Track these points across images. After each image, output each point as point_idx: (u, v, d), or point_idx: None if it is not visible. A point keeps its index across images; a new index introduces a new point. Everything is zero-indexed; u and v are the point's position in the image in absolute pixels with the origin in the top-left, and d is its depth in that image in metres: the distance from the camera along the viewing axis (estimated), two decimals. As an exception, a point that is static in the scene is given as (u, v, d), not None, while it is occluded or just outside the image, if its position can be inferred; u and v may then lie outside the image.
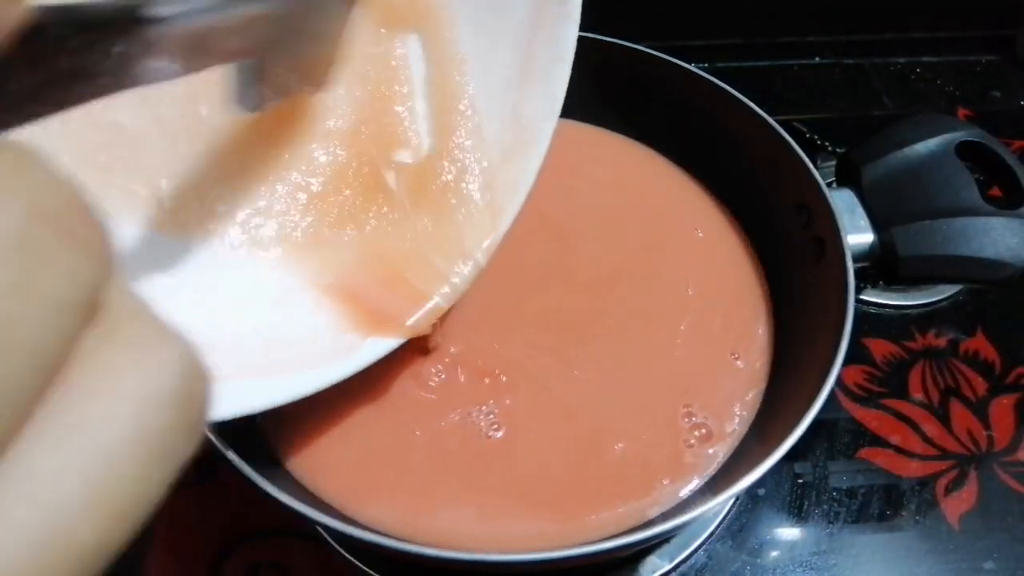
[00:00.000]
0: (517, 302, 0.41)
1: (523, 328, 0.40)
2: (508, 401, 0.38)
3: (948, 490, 0.45)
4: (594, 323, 0.40)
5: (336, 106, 0.34)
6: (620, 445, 0.36)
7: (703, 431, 0.37)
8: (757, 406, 0.38)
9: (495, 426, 0.37)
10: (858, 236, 0.38)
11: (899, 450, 0.46)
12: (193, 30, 0.18)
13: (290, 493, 0.30)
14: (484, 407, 0.37)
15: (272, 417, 0.37)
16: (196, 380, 0.12)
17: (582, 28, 0.46)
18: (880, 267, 0.39)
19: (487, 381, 0.38)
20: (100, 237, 0.11)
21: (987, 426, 0.47)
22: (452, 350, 0.39)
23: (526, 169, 0.33)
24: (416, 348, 0.37)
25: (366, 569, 0.41)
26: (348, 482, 0.35)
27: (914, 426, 0.47)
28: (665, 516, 0.34)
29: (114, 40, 0.16)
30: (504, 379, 0.38)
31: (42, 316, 0.10)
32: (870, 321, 0.52)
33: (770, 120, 0.42)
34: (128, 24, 0.16)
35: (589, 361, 0.39)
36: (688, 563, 0.42)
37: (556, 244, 0.44)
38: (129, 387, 0.11)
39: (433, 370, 0.38)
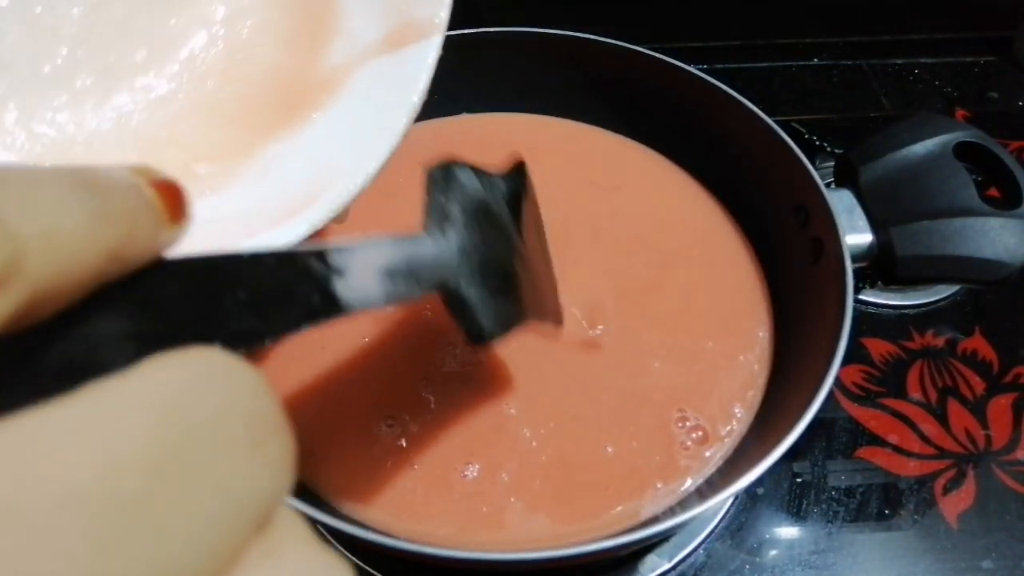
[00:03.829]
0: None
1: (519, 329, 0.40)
2: (506, 404, 0.38)
3: (946, 489, 0.45)
4: (591, 324, 0.41)
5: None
6: (616, 448, 0.36)
7: (699, 433, 0.37)
8: (757, 406, 0.38)
9: (493, 429, 0.37)
10: (856, 236, 0.38)
11: (897, 449, 0.46)
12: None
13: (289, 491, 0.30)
14: (482, 411, 0.38)
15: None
16: None
17: (583, 30, 0.47)
18: (878, 267, 0.39)
19: (484, 384, 0.38)
20: (287, 454, 0.11)
21: (985, 425, 0.47)
22: (448, 353, 0.39)
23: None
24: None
25: (366, 567, 0.41)
26: (347, 481, 0.35)
27: (912, 425, 0.47)
28: (664, 515, 0.34)
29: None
30: (501, 382, 0.38)
31: (222, 512, 0.10)
32: (868, 321, 0.52)
33: (769, 121, 0.42)
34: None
35: (586, 364, 0.39)
36: (687, 562, 0.42)
37: (554, 244, 0.44)
38: None
39: (431, 372, 0.38)
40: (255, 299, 0.15)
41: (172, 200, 0.13)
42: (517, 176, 0.30)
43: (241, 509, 0.10)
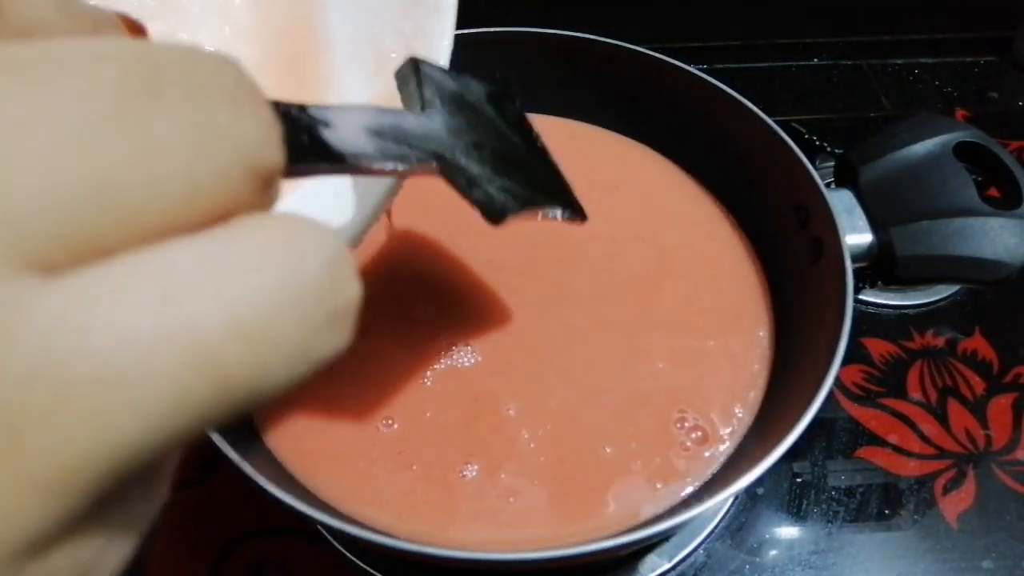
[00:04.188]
0: (513, 304, 0.41)
1: (519, 331, 0.40)
2: (505, 405, 0.38)
3: (946, 489, 0.45)
4: (592, 325, 0.41)
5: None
6: (615, 449, 0.36)
7: (699, 434, 0.37)
8: (757, 406, 0.38)
9: (492, 430, 0.37)
10: (856, 236, 0.38)
11: (897, 449, 0.46)
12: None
13: (290, 492, 0.30)
14: (481, 412, 0.37)
15: (270, 415, 0.37)
16: (344, 274, 0.12)
17: (583, 30, 0.46)
18: (878, 267, 0.39)
19: (483, 386, 0.38)
20: (266, 116, 0.12)
21: (985, 425, 0.47)
22: (447, 354, 0.39)
23: None
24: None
25: (366, 567, 0.41)
26: (346, 481, 0.35)
27: (912, 426, 0.47)
28: (664, 515, 0.34)
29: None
30: (500, 382, 0.38)
31: (202, 140, 0.10)
32: (868, 321, 0.52)
33: (769, 121, 0.42)
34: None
35: (586, 365, 0.39)
36: (687, 562, 0.42)
37: (554, 245, 0.44)
38: (282, 254, 0.11)
39: (430, 373, 0.38)
40: None
41: (132, 28, 0.15)
42: (495, 81, 0.30)
43: (222, 146, 0.11)
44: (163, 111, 0.10)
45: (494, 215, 0.25)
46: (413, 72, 0.26)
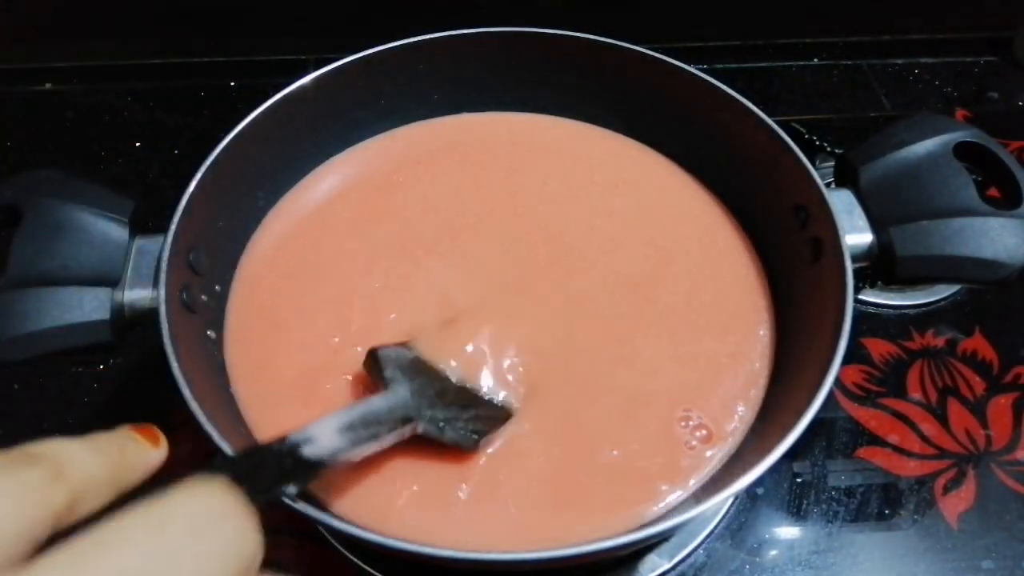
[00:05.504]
0: (513, 303, 0.41)
1: (519, 332, 0.40)
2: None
3: (946, 489, 0.45)
4: (593, 325, 0.41)
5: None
6: (618, 450, 0.36)
7: (703, 432, 0.37)
8: (758, 405, 0.38)
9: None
10: (856, 236, 0.38)
11: (897, 449, 0.46)
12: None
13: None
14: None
15: (271, 416, 0.37)
16: None
17: (583, 30, 0.47)
18: (878, 267, 0.39)
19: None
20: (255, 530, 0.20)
21: (985, 425, 0.47)
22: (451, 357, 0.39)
23: None
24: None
25: (366, 567, 0.41)
26: (346, 482, 0.35)
27: (912, 426, 0.47)
28: (664, 515, 0.34)
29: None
30: (500, 383, 0.38)
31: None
32: (868, 321, 0.52)
33: (769, 121, 0.42)
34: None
35: (588, 366, 0.39)
36: (687, 562, 0.42)
37: (554, 245, 0.44)
38: None
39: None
40: (232, 465, 0.24)
41: (148, 435, 0.23)
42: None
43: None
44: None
45: (470, 447, 0.35)
46: (374, 360, 0.34)
